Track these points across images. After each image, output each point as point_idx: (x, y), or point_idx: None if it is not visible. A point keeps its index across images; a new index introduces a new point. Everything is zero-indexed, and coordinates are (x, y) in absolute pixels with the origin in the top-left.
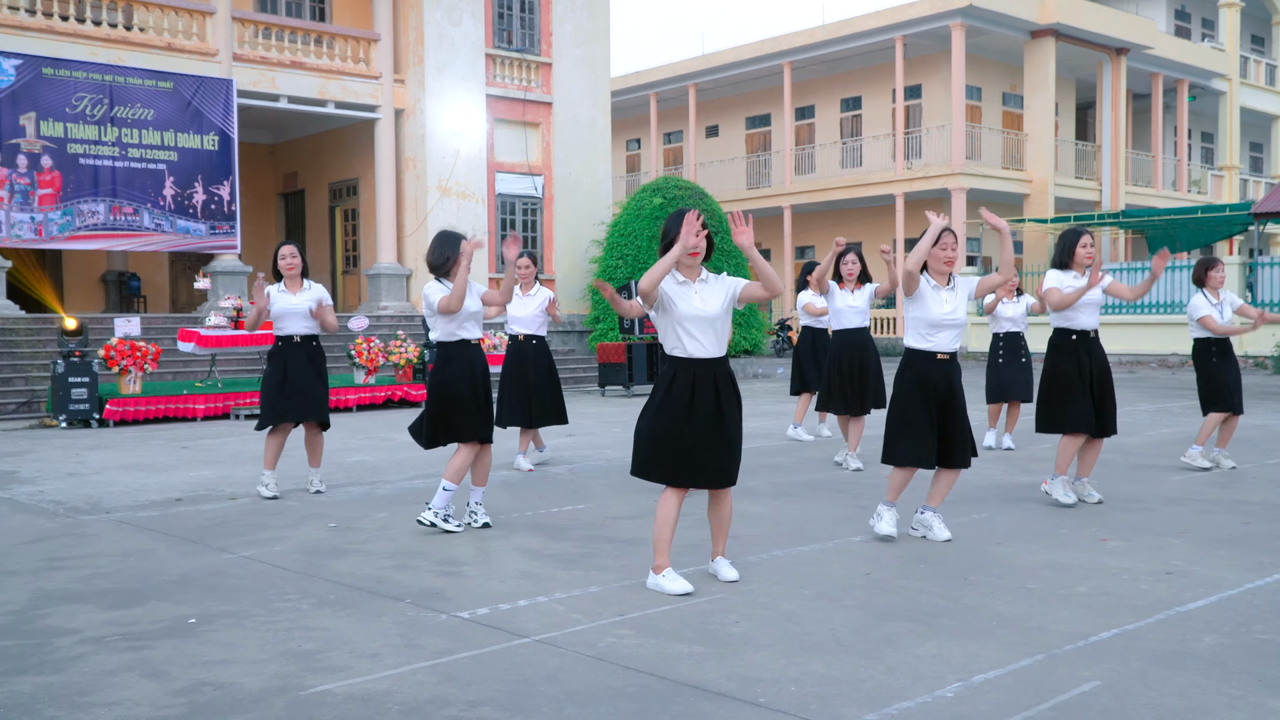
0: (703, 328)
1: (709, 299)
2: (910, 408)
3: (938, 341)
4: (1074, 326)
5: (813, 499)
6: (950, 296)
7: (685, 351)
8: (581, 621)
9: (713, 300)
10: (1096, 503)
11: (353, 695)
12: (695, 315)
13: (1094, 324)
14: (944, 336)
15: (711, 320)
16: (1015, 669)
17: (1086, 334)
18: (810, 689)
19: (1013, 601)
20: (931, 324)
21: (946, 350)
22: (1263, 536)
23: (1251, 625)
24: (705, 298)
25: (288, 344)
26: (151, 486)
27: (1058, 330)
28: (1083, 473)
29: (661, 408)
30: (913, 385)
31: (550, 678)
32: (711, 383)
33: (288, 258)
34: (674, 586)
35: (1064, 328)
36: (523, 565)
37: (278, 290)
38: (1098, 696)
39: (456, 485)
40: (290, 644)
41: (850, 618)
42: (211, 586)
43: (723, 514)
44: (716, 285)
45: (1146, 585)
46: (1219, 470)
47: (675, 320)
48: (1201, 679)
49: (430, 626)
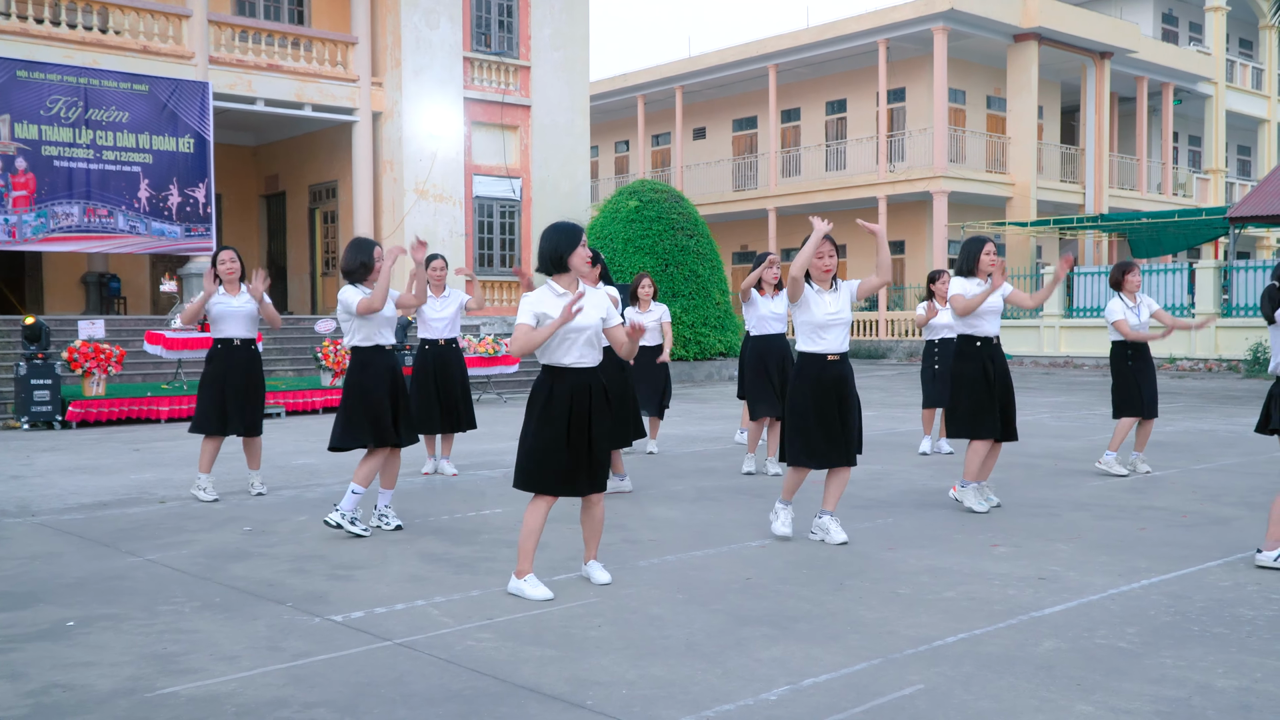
0: (582, 338)
1: (589, 311)
2: (806, 410)
3: (828, 343)
4: (978, 333)
5: (730, 504)
6: (834, 299)
7: (563, 362)
8: (448, 625)
9: (592, 312)
10: (996, 506)
11: (196, 697)
12: (576, 326)
13: (996, 330)
14: (833, 337)
15: (591, 332)
16: (848, 673)
17: (990, 340)
18: (641, 692)
19: (877, 606)
20: (818, 325)
21: (837, 351)
22: (1151, 543)
23: (1096, 630)
24: (585, 310)
25: (227, 347)
26: (88, 489)
27: (963, 337)
28: (982, 478)
29: (543, 419)
30: (808, 388)
31: (396, 680)
32: (587, 392)
33: (227, 262)
34: (536, 593)
35: (969, 334)
36: (415, 569)
37: (219, 293)
38: (915, 700)
39: (365, 489)
40: (157, 647)
41: (711, 622)
42: (105, 590)
43: (596, 519)
44: (595, 297)
45: (1014, 590)
46: (1136, 475)
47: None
48: (1023, 682)
49: (300, 629)
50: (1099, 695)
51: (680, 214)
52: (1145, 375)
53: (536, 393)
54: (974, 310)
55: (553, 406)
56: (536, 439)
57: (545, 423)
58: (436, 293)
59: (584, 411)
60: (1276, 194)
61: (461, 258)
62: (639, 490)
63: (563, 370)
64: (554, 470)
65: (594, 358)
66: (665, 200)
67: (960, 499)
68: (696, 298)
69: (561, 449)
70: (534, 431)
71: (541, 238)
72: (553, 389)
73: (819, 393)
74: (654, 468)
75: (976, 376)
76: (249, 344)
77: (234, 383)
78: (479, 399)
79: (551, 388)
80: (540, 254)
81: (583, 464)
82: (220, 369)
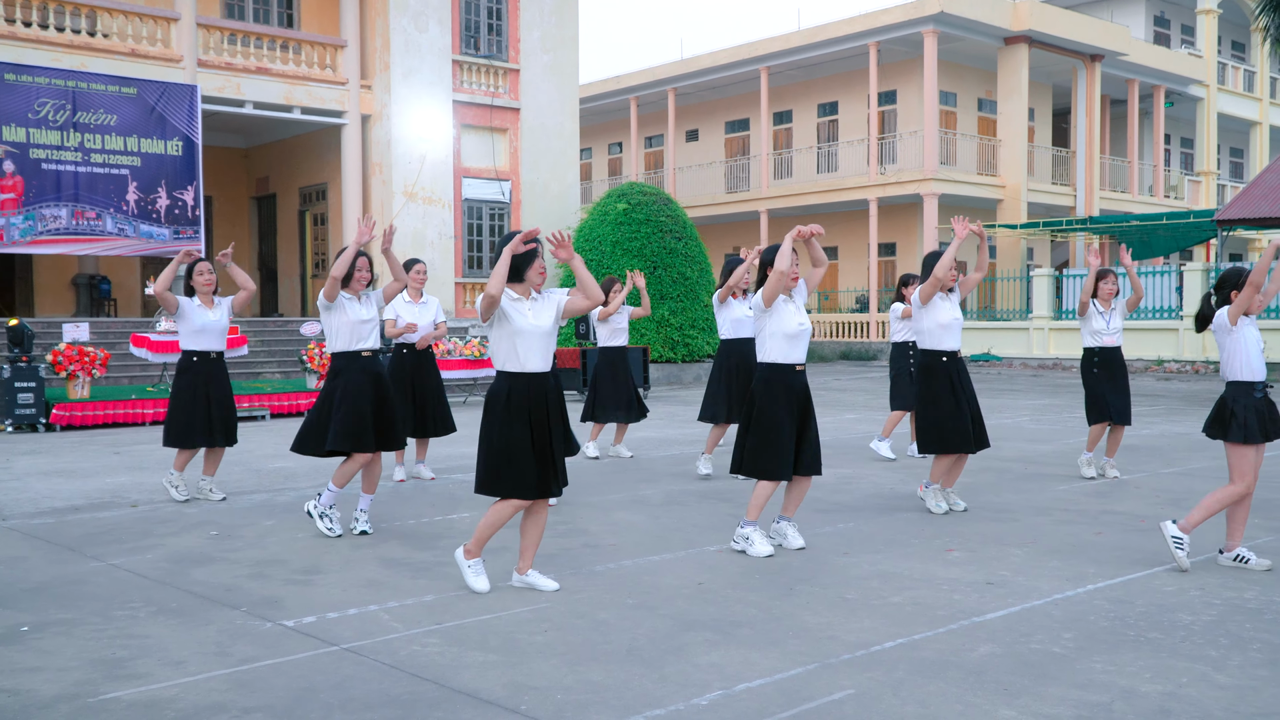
0: (535, 342)
1: (541, 315)
2: (777, 422)
3: (797, 353)
4: (942, 348)
5: (696, 508)
6: (797, 309)
7: (520, 366)
8: (397, 630)
9: (544, 315)
10: (964, 510)
11: (137, 702)
12: (530, 329)
13: (959, 344)
14: (800, 347)
15: (544, 335)
16: (781, 678)
17: (954, 354)
18: (575, 696)
19: (822, 611)
20: (791, 336)
21: (802, 361)
22: (1104, 548)
23: (1033, 636)
24: (538, 313)
25: (204, 360)
26: (62, 493)
27: (927, 352)
28: (948, 484)
29: (506, 423)
30: (780, 399)
31: (337, 685)
32: (544, 397)
33: (205, 274)
34: (477, 583)
35: (934, 349)
36: (374, 574)
37: (195, 305)
38: (843, 705)
39: (341, 490)
40: (106, 652)
41: (657, 627)
42: (64, 594)
43: (541, 524)
44: (546, 301)
45: (960, 595)
46: (1104, 480)
47: (510, 334)
48: (952, 687)
49: (250, 634)
50: (1024, 700)
51: (669, 216)
52: (1114, 383)
53: (494, 399)
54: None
55: (513, 411)
56: (503, 443)
57: (509, 426)
58: (415, 298)
59: (543, 416)
60: (1264, 196)
61: (451, 260)
62: (606, 494)
63: (519, 375)
64: (522, 474)
65: (548, 362)
66: (654, 203)
67: (924, 498)
68: (685, 300)
69: (528, 452)
70: (499, 435)
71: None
72: (510, 394)
73: (791, 403)
74: (627, 471)
75: (945, 392)
76: (221, 355)
77: (215, 395)
78: (465, 401)
79: (509, 392)
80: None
81: (549, 466)
82: (199, 381)
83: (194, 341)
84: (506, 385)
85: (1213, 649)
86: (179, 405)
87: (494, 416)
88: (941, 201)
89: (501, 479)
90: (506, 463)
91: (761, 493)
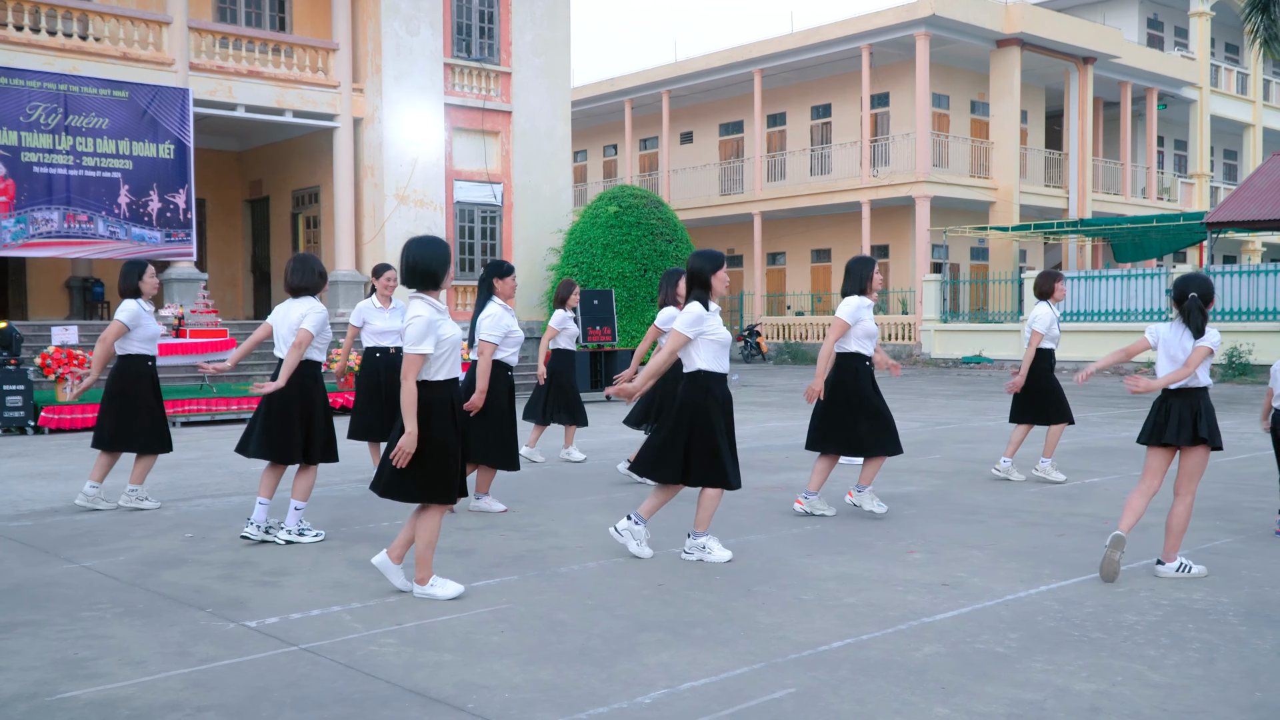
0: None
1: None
2: (718, 430)
3: (725, 361)
4: (866, 352)
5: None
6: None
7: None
8: (357, 630)
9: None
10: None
11: (93, 701)
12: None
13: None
14: (727, 356)
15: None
16: (726, 677)
17: (870, 359)
18: (522, 695)
19: (776, 612)
20: (723, 344)
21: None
22: (1063, 550)
23: (979, 636)
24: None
25: (153, 363)
26: (43, 496)
27: (853, 355)
28: (865, 482)
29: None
30: (715, 406)
31: (291, 685)
32: (455, 403)
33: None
34: (449, 590)
35: (859, 353)
36: (341, 575)
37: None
38: (783, 703)
39: (270, 500)
40: (68, 652)
41: (612, 627)
42: (35, 596)
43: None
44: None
45: (914, 596)
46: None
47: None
48: (891, 686)
49: (212, 635)
50: (959, 699)
51: (659, 219)
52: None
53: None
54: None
55: (439, 418)
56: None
57: (441, 433)
58: (385, 304)
59: (460, 421)
60: (1254, 199)
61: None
62: (581, 496)
63: (440, 384)
64: (452, 478)
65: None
66: (645, 205)
67: (858, 504)
68: None
69: (456, 457)
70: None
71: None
72: (433, 402)
73: (722, 412)
74: (606, 473)
75: (870, 393)
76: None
77: (156, 399)
78: None
79: (432, 401)
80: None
81: (461, 471)
82: (145, 386)
83: (144, 346)
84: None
85: (1152, 649)
86: (122, 409)
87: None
88: (934, 204)
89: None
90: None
91: (713, 504)
